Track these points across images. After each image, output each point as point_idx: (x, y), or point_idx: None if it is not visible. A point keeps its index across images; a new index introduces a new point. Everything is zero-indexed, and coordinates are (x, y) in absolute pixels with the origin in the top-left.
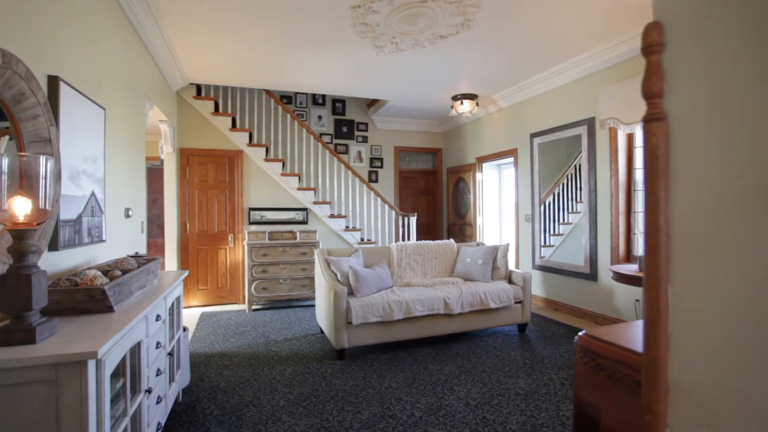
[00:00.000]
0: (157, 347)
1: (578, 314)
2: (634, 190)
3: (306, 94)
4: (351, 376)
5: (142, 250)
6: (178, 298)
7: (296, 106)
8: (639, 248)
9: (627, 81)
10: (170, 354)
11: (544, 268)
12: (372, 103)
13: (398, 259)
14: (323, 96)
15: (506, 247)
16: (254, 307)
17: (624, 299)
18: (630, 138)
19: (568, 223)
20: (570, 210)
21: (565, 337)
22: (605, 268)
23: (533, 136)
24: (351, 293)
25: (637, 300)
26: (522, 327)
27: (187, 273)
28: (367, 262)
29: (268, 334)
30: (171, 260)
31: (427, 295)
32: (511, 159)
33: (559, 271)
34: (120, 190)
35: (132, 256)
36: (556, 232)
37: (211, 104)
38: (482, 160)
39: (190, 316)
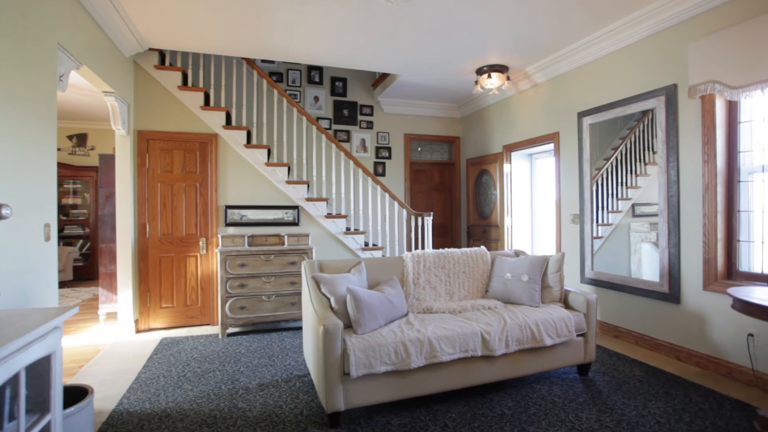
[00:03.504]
0: None
1: (650, 345)
2: (738, 181)
3: (299, 71)
4: None
5: (49, 267)
6: (49, 358)
7: (288, 85)
8: (747, 261)
9: (737, 27)
10: None
11: (597, 283)
12: (378, 82)
13: (414, 274)
14: (320, 72)
15: (560, 259)
16: (230, 330)
17: (726, 331)
18: (732, 109)
19: (608, 224)
20: (609, 208)
21: (646, 384)
22: (693, 286)
23: (582, 115)
24: (350, 326)
25: (751, 334)
26: (583, 368)
27: (74, 310)
28: (374, 279)
29: (238, 376)
30: (124, 271)
31: (458, 329)
32: (550, 146)
33: (620, 288)
34: None
35: None
36: (595, 234)
37: (178, 76)
38: (511, 148)
39: (145, 343)
